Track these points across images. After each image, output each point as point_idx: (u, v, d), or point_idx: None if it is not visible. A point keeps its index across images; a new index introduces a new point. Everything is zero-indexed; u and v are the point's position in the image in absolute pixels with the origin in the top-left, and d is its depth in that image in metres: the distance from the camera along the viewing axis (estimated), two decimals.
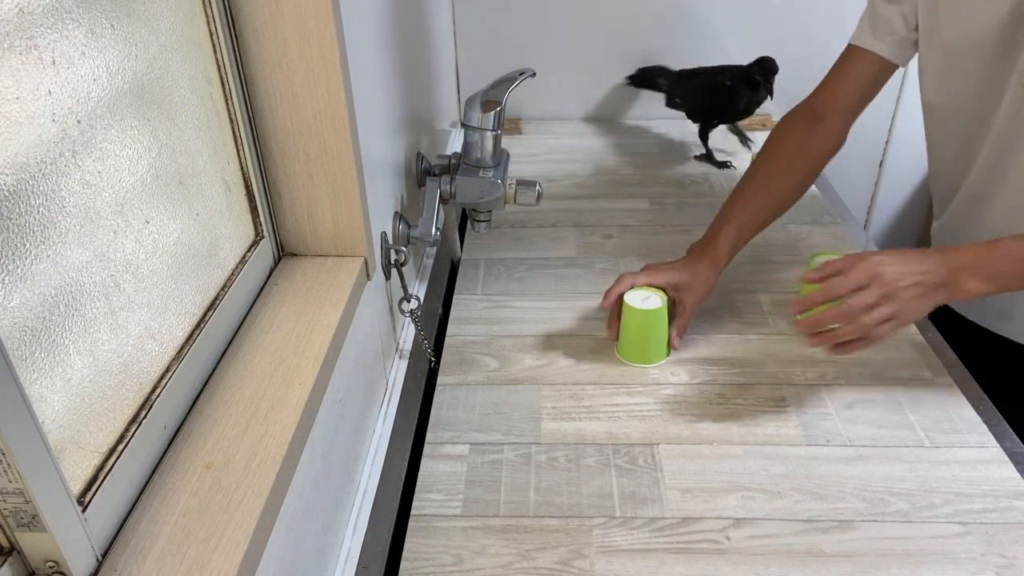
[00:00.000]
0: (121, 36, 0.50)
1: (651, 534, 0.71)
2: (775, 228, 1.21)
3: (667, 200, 1.32)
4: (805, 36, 1.55)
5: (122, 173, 0.50)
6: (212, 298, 0.63)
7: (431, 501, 0.75)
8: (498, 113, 0.94)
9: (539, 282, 1.09)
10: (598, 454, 0.80)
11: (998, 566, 0.68)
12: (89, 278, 0.46)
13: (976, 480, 0.76)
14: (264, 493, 0.50)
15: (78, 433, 0.45)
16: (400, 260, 0.89)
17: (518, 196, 0.99)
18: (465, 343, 0.97)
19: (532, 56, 1.58)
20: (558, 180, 1.39)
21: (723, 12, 1.55)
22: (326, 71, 0.66)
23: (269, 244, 0.74)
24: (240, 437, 0.54)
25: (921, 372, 0.90)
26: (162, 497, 0.50)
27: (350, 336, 0.73)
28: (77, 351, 0.45)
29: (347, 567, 0.71)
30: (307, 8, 0.63)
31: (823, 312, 0.77)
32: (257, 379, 0.60)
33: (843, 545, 0.70)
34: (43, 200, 0.42)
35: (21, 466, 0.38)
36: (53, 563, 0.41)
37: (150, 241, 0.53)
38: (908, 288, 0.76)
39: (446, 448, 0.81)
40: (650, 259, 1.14)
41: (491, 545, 0.71)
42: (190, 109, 0.59)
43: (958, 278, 0.76)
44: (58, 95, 0.43)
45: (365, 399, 0.82)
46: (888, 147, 1.70)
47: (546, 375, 0.91)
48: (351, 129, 0.69)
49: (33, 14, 0.41)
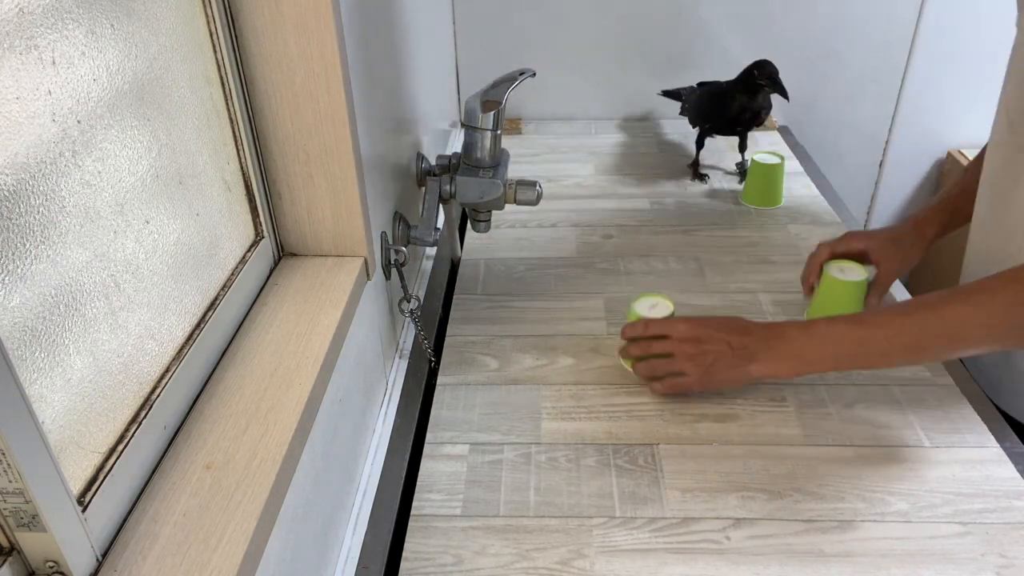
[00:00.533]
0: (121, 36, 0.50)
1: (651, 534, 0.71)
2: (775, 228, 1.22)
3: (667, 200, 1.32)
4: (805, 36, 1.56)
5: (122, 173, 0.50)
6: (212, 298, 0.63)
7: (431, 501, 0.75)
8: (498, 113, 0.94)
9: (539, 282, 1.09)
10: (598, 454, 0.80)
11: (998, 566, 0.68)
12: (89, 278, 0.46)
13: (976, 480, 0.76)
14: (264, 493, 0.50)
15: (78, 433, 0.45)
16: (400, 260, 0.89)
17: (518, 196, 0.99)
18: (465, 343, 0.97)
19: (532, 56, 1.58)
20: (558, 180, 1.39)
21: (724, 12, 1.55)
22: (326, 71, 0.66)
23: (269, 244, 0.74)
24: (240, 437, 0.54)
25: (921, 372, 0.90)
26: (162, 497, 0.50)
27: (350, 336, 0.73)
28: (77, 351, 0.45)
29: (347, 567, 0.71)
30: (307, 8, 0.63)
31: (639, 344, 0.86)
32: (257, 379, 0.60)
33: (843, 545, 0.70)
34: (43, 200, 0.42)
35: (21, 466, 0.38)
36: (53, 563, 0.41)
37: (150, 241, 0.53)
38: (711, 353, 0.81)
39: (446, 448, 0.81)
40: (650, 259, 1.14)
41: (491, 545, 0.71)
42: (190, 109, 0.59)
43: (775, 354, 0.78)
44: (58, 95, 0.43)
45: (365, 399, 0.82)
46: (888, 147, 1.70)
47: (546, 375, 0.91)
48: (351, 129, 0.69)
49: (33, 14, 0.41)
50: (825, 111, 1.64)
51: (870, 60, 1.58)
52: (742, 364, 0.79)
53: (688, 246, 1.18)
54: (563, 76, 1.62)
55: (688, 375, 0.82)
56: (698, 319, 0.84)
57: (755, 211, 1.27)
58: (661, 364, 0.84)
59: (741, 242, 1.18)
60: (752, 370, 0.79)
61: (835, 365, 0.79)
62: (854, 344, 0.75)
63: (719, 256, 1.14)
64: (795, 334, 0.78)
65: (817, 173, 1.41)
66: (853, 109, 1.64)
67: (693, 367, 0.82)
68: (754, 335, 0.80)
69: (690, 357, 0.82)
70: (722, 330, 0.81)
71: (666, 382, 0.84)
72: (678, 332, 0.83)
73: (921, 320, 0.73)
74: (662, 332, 0.84)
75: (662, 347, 0.84)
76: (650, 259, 1.14)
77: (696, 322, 0.83)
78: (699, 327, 0.82)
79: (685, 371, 0.82)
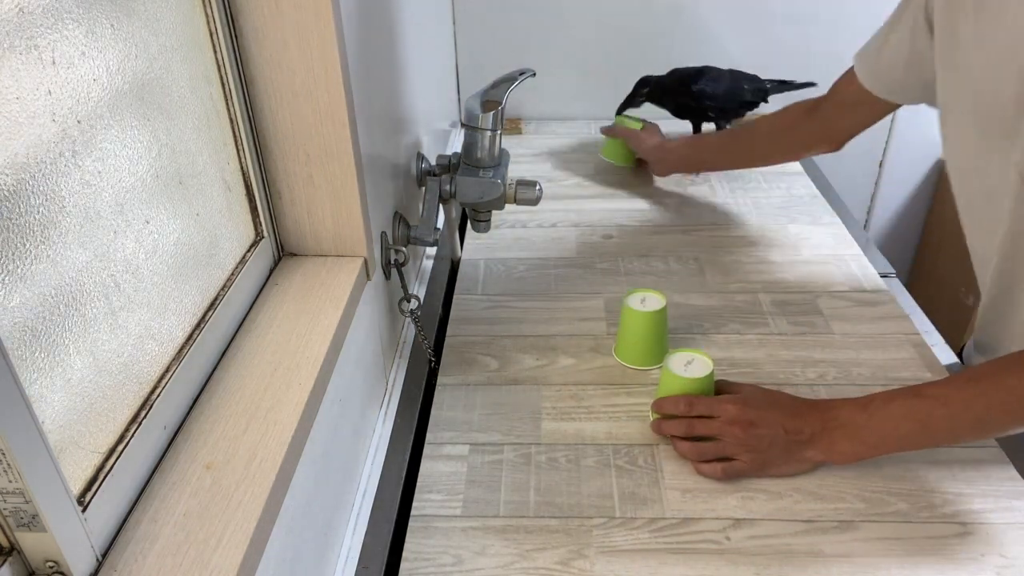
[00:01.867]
0: (121, 36, 0.50)
1: (651, 534, 0.71)
2: (775, 228, 1.22)
3: (667, 200, 1.32)
4: (805, 36, 1.56)
5: (122, 173, 0.50)
6: (212, 298, 0.63)
7: (431, 501, 0.75)
8: (498, 113, 0.94)
9: (539, 282, 1.09)
10: (598, 454, 0.80)
11: (998, 566, 0.68)
12: (89, 278, 0.46)
13: (976, 480, 0.76)
14: (264, 493, 0.50)
15: (78, 433, 0.45)
16: (400, 260, 0.89)
17: (518, 196, 0.99)
18: (465, 343, 0.97)
19: (532, 56, 1.58)
20: (558, 180, 1.39)
21: (723, 12, 1.55)
22: (326, 71, 0.66)
23: (269, 244, 0.74)
24: (240, 437, 0.54)
25: (921, 372, 0.90)
26: (162, 497, 0.50)
27: (350, 336, 0.73)
28: (77, 351, 0.45)
29: (347, 567, 0.71)
30: (307, 8, 0.63)
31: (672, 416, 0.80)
32: (257, 379, 0.60)
33: (843, 545, 0.70)
34: (43, 200, 0.42)
35: (21, 466, 0.38)
36: (53, 563, 0.41)
37: (150, 241, 0.53)
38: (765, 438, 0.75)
39: (446, 448, 0.81)
40: (650, 259, 1.15)
41: (491, 545, 0.71)
42: (190, 109, 0.59)
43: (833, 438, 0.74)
44: (58, 95, 0.43)
45: (365, 399, 0.82)
46: (888, 147, 1.70)
47: (546, 375, 0.91)
48: (351, 129, 0.69)
49: (33, 14, 0.41)
50: None
51: None
52: (799, 451, 0.75)
53: (688, 246, 1.18)
54: (563, 76, 1.62)
55: (741, 461, 0.75)
56: (745, 398, 0.78)
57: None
58: (712, 448, 0.77)
59: (741, 242, 1.18)
60: (811, 456, 0.75)
61: (898, 447, 0.75)
62: (917, 424, 0.71)
63: (719, 256, 1.15)
64: (852, 416, 0.73)
65: (817, 173, 1.41)
66: None
67: (745, 453, 0.75)
68: (808, 418, 0.75)
69: (742, 443, 0.75)
70: (774, 411, 0.76)
71: (717, 466, 0.76)
72: (727, 415, 0.76)
73: (985, 392, 0.69)
74: (708, 413, 0.77)
75: (708, 430, 0.77)
76: (650, 259, 1.14)
77: (745, 403, 0.77)
78: (750, 410, 0.76)
79: (737, 456, 0.76)
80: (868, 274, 1.09)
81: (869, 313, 1.01)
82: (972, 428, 0.71)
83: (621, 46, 1.59)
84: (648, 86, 1.38)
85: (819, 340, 0.96)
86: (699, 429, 0.77)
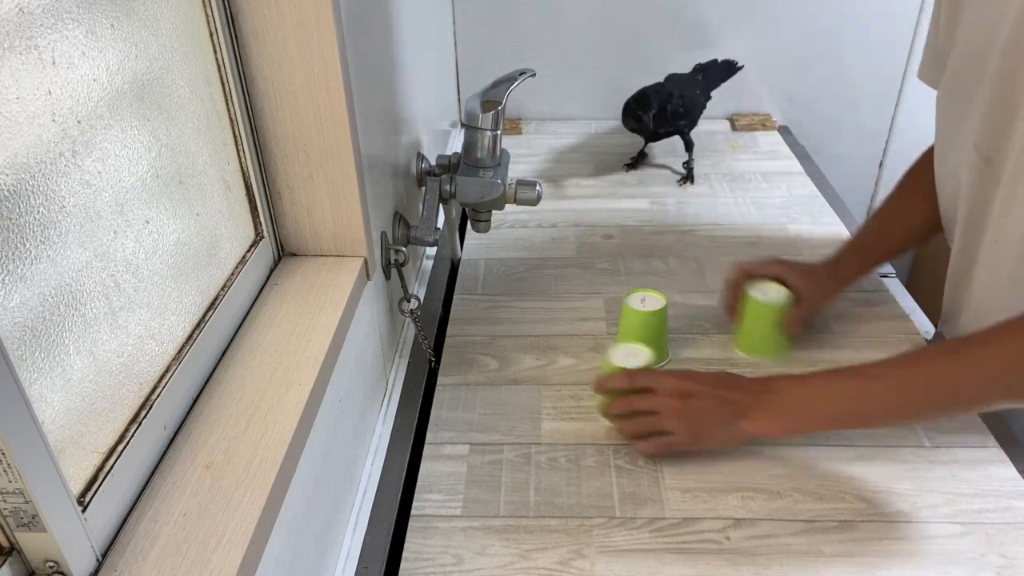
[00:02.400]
0: (121, 36, 0.50)
1: (651, 534, 0.71)
2: (775, 228, 1.22)
3: (667, 200, 1.32)
4: (806, 36, 1.55)
5: (122, 173, 0.50)
6: (212, 298, 0.63)
7: (431, 501, 0.75)
8: (498, 113, 0.94)
9: (539, 282, 1.09)
10: (598, 454, 0.80)
11: (998, 566, 0.68)
12: (89, 278, 0.46)
13: (976, 480, 0.76)
14: (264, 493, 0.50)
15: (78, 433, 0.45)
16: (400, 260, 0.89)
17: (518, 196, 0.99)
18: (465, 343, 0.97)
19: (532, 56, 1.58)
20: (558, 180, 1.39)
21: (723, 12, 1.55)
22: (326, 71, 0.66)
23: (269, 244, 0.74)
24: (240, 437, 0.54)
25: None
26: (162, 497, 0.50)
27: (350, 336, 0.73)
28: (77, 351, 0.45)
29: (347, 567, 0.71)
30: (307, 8, 0.63)
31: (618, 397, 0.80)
32: (257, 379, 0.60)
33: (843, 545, 0.70)
34: (43, 200, 0.42)
35: (21, 466, 0.38)
36: (53, 563, 0.41)
37: (150, 241, 0.53)
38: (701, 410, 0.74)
39: (446, 448, 0.81)
40: (650, 259, 1.14)
41: (491, 545, 0.71)
42: (190, 109, 0.59)
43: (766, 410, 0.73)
44: (58, 95, 0.43)
45: (365, 399, 0.82)
46: (888, 147, 1.70)
47: (546, 375, 0.91)
48: (351, 129, 0.69)
49: (33, 14, 0.41)
50: (825, 111, 1.64)
51: (870, 60, 1.58)
52: (733, 420, 0.74)
53: (688, 246, 1.18)
54: (563, 76, 1.62)
55: (676, 434, 0.76)
56: (685, 372, 0.78)
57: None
58: (646, 422, 0.77)
59: (741, 242, 1.18)
60: (744, 427, 0.74)
61: (832, 423, 0.75)
62: (852, 400, 0.71)
63: (719, 256, 1.14)
64: (789, 388, 0.73)
65: (817, 173, 1.41)
66: (853, 109, 1.64)
67: (680, 424, 0.75)
68: (745, 389, 0.75)
69: (677, 413, 0.75)
70: (711, 384, 0.76)
71: (651, 442, 0.77)
72: (664, 387, 0.76)
73: (923, 374, 0.68)
74: (647, 385, 0.77)
75: (646, 403, 0.77)
76: (650, 259, 1.14)
77: (683, 376, 0.77)
78: (687, 380, 0.76)
79: (673, 430, 0.76)
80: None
81: (869, 313, 1.01)
82: (907, 409, 0.71)
83: (621, 46, 1.59)
84: (642, 131, 1.37)
85: (819, 340, 0.96)
86: (638, 404, 0.78)
